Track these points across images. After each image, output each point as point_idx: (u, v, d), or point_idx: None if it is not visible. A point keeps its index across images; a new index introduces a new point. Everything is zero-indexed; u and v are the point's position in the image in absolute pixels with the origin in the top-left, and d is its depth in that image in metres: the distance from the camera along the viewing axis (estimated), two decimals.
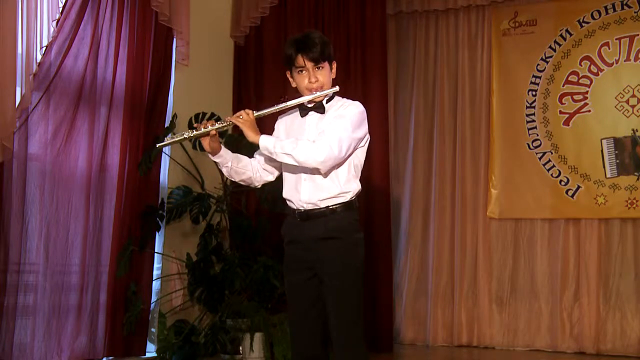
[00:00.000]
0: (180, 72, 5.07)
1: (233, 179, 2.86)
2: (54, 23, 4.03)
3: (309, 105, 2.77)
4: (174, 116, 4.69)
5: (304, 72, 2.71)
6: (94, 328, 4.29)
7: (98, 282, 4.34)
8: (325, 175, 2.68)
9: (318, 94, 2.70)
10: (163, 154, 4.79)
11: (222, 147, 2.76)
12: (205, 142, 2.71)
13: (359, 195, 2.78)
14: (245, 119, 2.66)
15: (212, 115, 4.68)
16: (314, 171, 2.67)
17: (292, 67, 2.73)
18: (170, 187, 4.87)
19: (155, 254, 4.72)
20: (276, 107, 2.70)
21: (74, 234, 4.20)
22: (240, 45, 5.76)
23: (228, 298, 4.62)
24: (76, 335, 4.19)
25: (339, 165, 2.68)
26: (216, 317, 4.60)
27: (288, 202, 2.78)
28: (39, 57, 3.95)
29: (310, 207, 2.69)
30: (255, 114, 2.67)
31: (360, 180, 2.81)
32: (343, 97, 2.82)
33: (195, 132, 2.69)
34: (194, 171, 4.87)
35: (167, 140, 2.83)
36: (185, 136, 2.70)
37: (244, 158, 2.84)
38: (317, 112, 2.75)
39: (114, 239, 4.38)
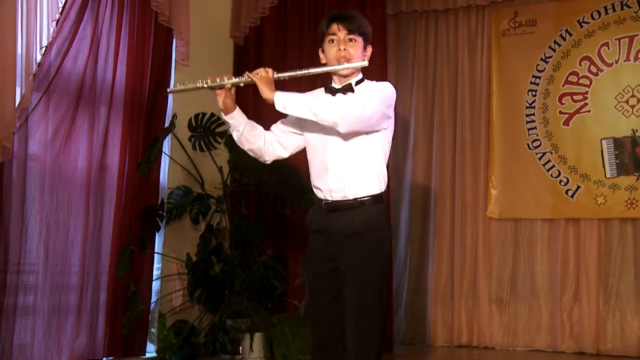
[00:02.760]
0: (180, 72, 5.07)
1: (242, 146, 2.71)
2: (54, 23, 4.03)
3: (337, 87, 2.63)
4: (174, 116, 4.69)
5: (334, 41, 2.59)
6: (93, 328, 4.29)
7: (98, 282, 4.34)
8: (342, 164, 2.55)
9: (345, 65, 2.57)
10: (163, 154, 4.78)
11: (237, 108, 2.64)
12: (220, 98, 2.60)
13: (387, 185, 2.64)
14: (262, 76, 2.51)
15: (212, 115, 4.70)
16: (340, 156, 2.54)
17: (324, 37, 2.61)
18: (170, 187, 4.87)
19: (155, 254, 4.72)
20: (298, 72, 2.55)
21: (74, 234, 4.20)
22: (240, 45, 5.76)
23: (228, 298, 4.62)
24: (76, 335, 4.19)
25: (363, 149, 2.55)
26: (216, 317, 4.60)
27: (316, 190, 2.66)
28: (39, 57, 3.95)
29: (338, 197, 2.57)
30: (276, 75, 2.54)
31: None
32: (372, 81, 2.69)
33: (210, 83, 2.58)
34: (194, 171, 4.87)
35: (179, 87, 2.69)
36: (199, 85, 2.59)
37: (259, 127, 2.71)
38: (346, 94, 2.62)
39: (114, 239, 4.38)
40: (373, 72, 5.70)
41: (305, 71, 2.55)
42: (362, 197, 2.56)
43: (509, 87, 5.74)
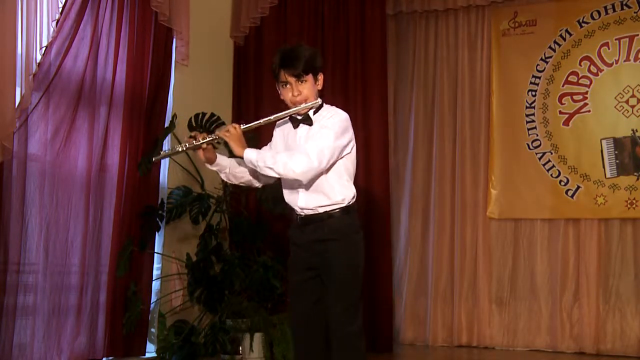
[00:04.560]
0: (180, 72, 5.07)
1: (232, 182, 3.01)
2: (54, 23, 4.03)
3: (299, 117, 2.88)
4: (174, 116, 4.69)
5: (287, 86, 2.84)
6: (93, 328, 4.29)
7: (98, 282, 4.34)
8: (308, 186, 2.79)
9: (302, 106, 2.82)
10: None
11: (218, 155, 2.91)
12: (200, 154, 2.87)
13: (355, 199, 2.86)
14: (232, 133, 2.80)
15: (212, 115, 4.70)
16: (300, 183, 2.79)
17: (277, 80, 2.87)
18: (170, 187, 4.87)
19: (155, 254, 4.72)
20: (262, 121, 2.86)
21: (74, 234, 4.20)
22: (240, 45, 5.76)
23: (228, 298, 4.62)
24: (76, 335, 4.19)
25: (327, 171, 2.79)
26: (216, 317, 4.60)
27: (289, 208, 2.92)
28: (39, 57, 3.95)
29: (309, 212, 2.82)
30: (243, 127, 2.83)
31: (360, 180, 2.86)
32: (332, 106, 2.92)
33: (187, 146, 2.85)
34: (194, 171, 4.88)
35: (162, 154, 3.06)
36: (179, 150, 2.88)
37: (243, 162, 2.94)
38: (306, 124, 2.86)
39: (114, 239, 4.38)
40: (373, 72, 5.75)
41: (267, 119, 2.85)
42: (331, 211, 2.81)
43: (509, 87, 5.74)
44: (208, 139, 2.83)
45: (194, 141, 2.84)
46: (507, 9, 5.80)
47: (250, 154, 2.78)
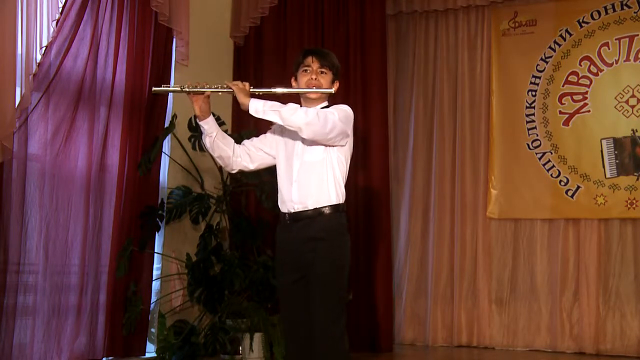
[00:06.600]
0: (180, 72, 5.07)
1: (213, 153, 2.99)
2: (54, 23, 4.03)
3: None
4: (174, 116, 4.68)
5: (308, 70, 2.91)
6: (93, 328, 4.29)
7: (98, 282, 4.34)
8: (303, 178, 2.82)
9: (314, 89, 2.88)
10: (163, 154, 4.78)
11: (211, 115, 2.93)
12: (197, 103, 2.87)
13: (344, 200, 2.90)
14: (240, 87, 2.81)
15: (212, 115, 4.69)
16: (304, 170, 2.80)
17: (299, 68, 2.94)
18: (170, 187, 4.87)
19: (155, 254, 4.72)
20: (272, 90, 2.85)
21: (74, 234, 4.20)
22: (240, 45, 5.76)
23: (228, 298, 4.62)
24: (76, 336, 4.19)
25: (321, 165, 2.83)
26: (216, 318, 4.60)
27: (280, 205, 2.93)
28: (39, 57, 3.95)
29: (300, 208, 2.84)
30: (252, 89, 2.82)
31: (360, 180, 2.88)
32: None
33: (191, 88, 2.85)
34: (194, 171, 4.87)
35: (163, 87, 3.07)
36: (182, 87, 2.86)
37: (230, 138, 3.02)
38: None
39: (113, 239, 4.38)
40: (373, 72, 5.75)
41: (277, 89, 2.86)
42: (321, 207, 2.83)
43: (509, 87, 5.74)
44: (214, 88, 2.86)
45: (197, 86, 2.86)
46: (507, 9, 5.80)
47: (256, 101, 2.77)
